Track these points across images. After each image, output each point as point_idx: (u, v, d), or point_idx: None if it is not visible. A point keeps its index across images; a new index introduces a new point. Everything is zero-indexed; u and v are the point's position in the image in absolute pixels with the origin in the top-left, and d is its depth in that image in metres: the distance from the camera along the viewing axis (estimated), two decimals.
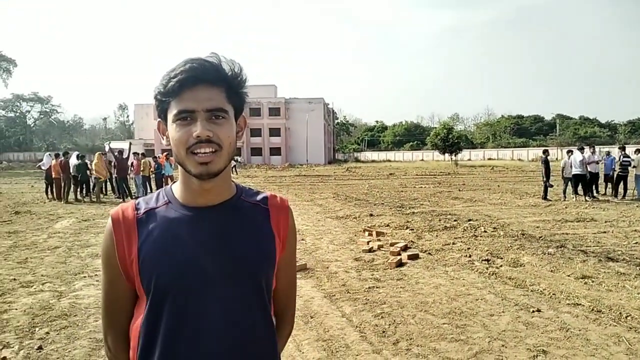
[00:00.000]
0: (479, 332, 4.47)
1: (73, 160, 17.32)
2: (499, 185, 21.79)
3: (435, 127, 63.08)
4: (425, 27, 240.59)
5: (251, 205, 1.25)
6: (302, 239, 9.11)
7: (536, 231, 9.61)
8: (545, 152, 16.97)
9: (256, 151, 67.89)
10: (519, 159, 61.96)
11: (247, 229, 1.20)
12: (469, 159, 64.95)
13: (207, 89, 1.10)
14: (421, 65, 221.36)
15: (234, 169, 38.92)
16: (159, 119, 1.18)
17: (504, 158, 65.34)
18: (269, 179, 31.17)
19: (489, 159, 65.68)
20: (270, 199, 1.28)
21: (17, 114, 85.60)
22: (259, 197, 1.28)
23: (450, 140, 50.35)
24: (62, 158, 17.40)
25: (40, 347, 4.17)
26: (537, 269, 6.72)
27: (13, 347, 4.20)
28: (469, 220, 11.05)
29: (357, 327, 4.65)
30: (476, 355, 3.97)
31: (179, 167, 1.17)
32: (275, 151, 67.41)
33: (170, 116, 1.12)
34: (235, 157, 43.25)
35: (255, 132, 68.04)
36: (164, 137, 1.18)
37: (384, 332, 4.51)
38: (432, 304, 5.29)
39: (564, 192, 15.70)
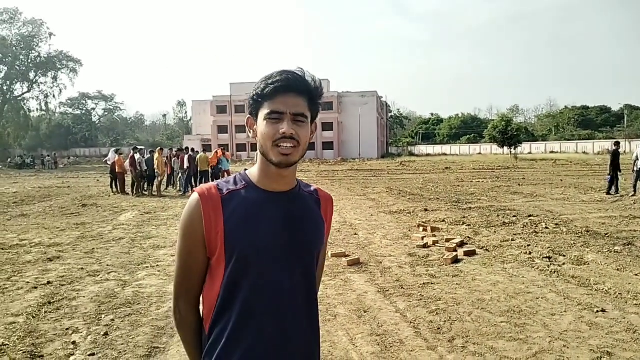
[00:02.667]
0: (539, 331, 4.31)
1: (137, 155, 18.01)
2: (561, 180, 20.89)
3: (494, 120, 61.01)
4: (483, 15, 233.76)
5: (308, 195, 1.52)
6: (355, 234, 9.10)
7: (602, 228, 9.15)
8: (617, 144, 16.21)
9: (309, 146, 67.07)
10: (584, 152, 59.12)
11: (308, 214, 1.47)
12: (530, 152, 62.57)
13: (295, 96, 1.35)
14: (479, 55, 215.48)
15: None
16: (250, 115, 1.43)
17: (568, 151, 62.54)
18: (322, 174, 31.24)
19: (551, 152, 63.03)
20: (319, 191, 1.57)
21: (83, 111, 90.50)
22: (311, 189, 1.56)
23: (510, 133, 48.54)
24: (132, 152, 18.04)
25: (106, 334, 4.39)
26: (602, 267, 6.40)
27: (82, 333, 4.45)
28: (529, 216, 10.67)
29: (411, 322, 4.60)
30: (536, 355, 3.84)
31: (260, 156, 1.40)
32: (327, 145, 67.51)
33: (261, 114, 1.36)
34: None
35: None
36: (251, 131, 1.43)
37: (439, 328, 4.44)
38: (489, 301, 5.15)
39: (634, 186, 14.85)
